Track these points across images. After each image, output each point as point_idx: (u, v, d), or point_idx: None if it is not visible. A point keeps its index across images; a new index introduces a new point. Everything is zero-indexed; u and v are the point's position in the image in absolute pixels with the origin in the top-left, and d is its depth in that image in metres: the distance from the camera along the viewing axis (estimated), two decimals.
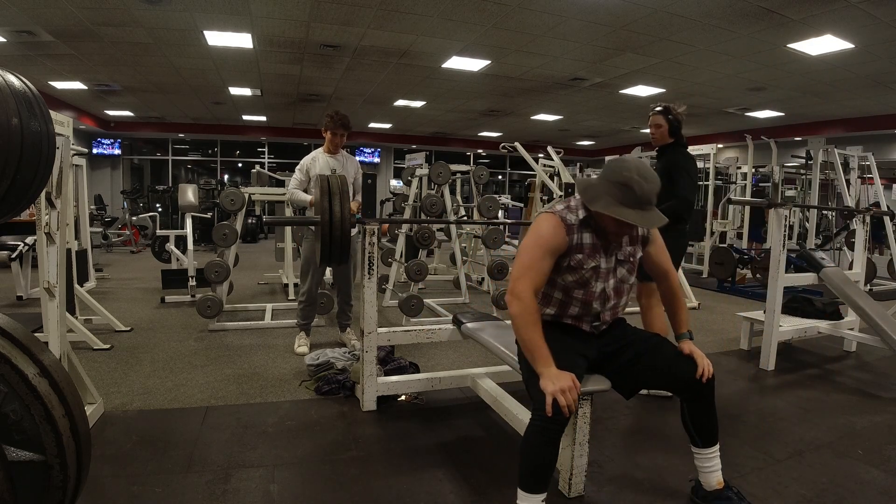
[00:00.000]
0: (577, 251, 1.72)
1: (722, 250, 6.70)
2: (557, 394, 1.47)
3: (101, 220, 9.21)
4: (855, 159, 7.03)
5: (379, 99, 9.81)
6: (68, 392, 1.16)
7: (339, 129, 3.57)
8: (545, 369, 1.55)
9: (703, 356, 1.73)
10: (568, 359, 1.64)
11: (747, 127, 9.99)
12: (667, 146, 2.96)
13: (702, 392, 1.72)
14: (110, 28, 5.87)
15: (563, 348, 1.69)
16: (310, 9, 5.31)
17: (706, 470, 1.78)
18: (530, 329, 1.61)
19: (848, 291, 3.47)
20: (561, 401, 1.46)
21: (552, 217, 1.72)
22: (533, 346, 1.59)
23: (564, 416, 1.49)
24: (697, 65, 6.83)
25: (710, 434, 1.77)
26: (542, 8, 5.15)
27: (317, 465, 2.07)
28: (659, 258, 1.88)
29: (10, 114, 1.06)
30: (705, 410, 1.75)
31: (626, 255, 1.80)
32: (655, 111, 2.95)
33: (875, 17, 4.92)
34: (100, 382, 2.78)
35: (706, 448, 1.78)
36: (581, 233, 1.72)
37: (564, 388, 1.48)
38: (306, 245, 3.61)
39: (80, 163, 5.61)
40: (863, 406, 2.82)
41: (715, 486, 1.77)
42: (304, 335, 3.64)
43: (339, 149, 3.70)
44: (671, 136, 2.92)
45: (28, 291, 5.02)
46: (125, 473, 1.93)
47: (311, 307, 3.64)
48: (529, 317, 1.61)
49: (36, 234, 2.26)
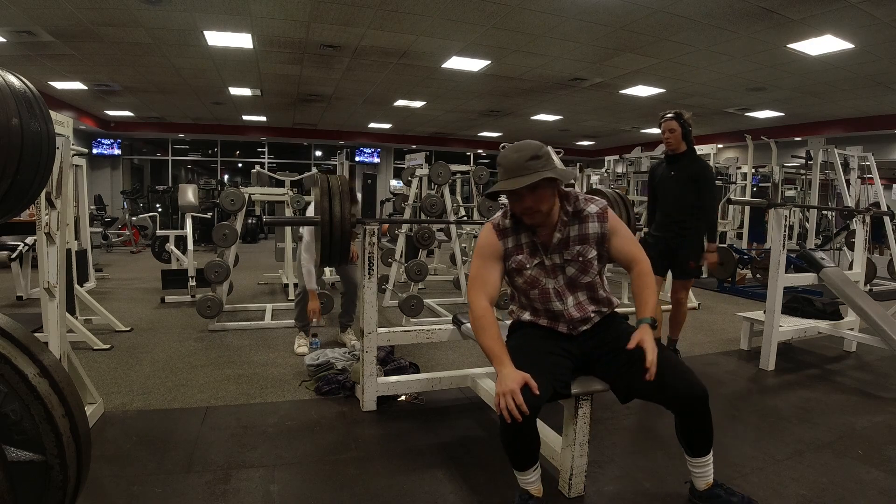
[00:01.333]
0: (515, 252, 1.80)
1: (722, 250, 6.69)
2: (500, 396, 1.50)
3: (101, 221, 9.21)
4: (855, 159, 7.03)
5: (379, 99, 9.81)
6: (68, 392, 1.16)
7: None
8: (500, 369, 1.58)
9: (653, 350, 1.59)
10: (538, 360, 1.66)
11: (747, 127, 9.99)
12: (684, 154, 3.17)
13: (694, 408, 1.66)
14: (110, 28, 5.87)
15: (536, 350, 1.73)
16: (310, 9, 5.31)
17: (696, 475, 1.78)
18: (482, 335, 1.68)
19: (848, 291, 3.47)
20: (501, 403, 1.48)
21: (487, 225, 1.85)
22: (487, 350, 1.66)
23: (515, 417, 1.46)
24: (697, 65, 6.83)
25: (700, 446, 1.74)
26: (542, 8, 5.15)
27: (317, 465, 2.07)
28: (625, 248, 1.80)
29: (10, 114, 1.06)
30: (698, 425, 1.71)
31: (574, 255, 1.76)
32: (667, 117, 3.13)
33: (875, 17, 4.92)
34: (100, 382, 2.78)
35: (697, 458, 1.76)
36: (517, 234, 1.80)
37: (507, 392, 1.48)
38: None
39: (80, 163, 5.61)
40: (863, 406, 2.82)
41: (703, 487, 1.77)
42: (303, 335, 3.63)
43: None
44: (685, 141, 3.13)
45: (28, 291, 5.02)
46: (125, 473, 1.93)
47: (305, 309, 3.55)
48: (478, 322, 1.71)
49: (36, 234, 2.26)
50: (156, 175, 14.80)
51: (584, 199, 1.79)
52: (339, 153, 8.43)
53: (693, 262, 3.18)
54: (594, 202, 1.79)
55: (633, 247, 1.82)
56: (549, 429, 2.07)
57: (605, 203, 1.81)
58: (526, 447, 1.66)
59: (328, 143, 14.99)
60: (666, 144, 3.16)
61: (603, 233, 1.78)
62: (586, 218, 1.77)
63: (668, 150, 3.19)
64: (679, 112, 3.10)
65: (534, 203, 1.67)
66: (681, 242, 3.22)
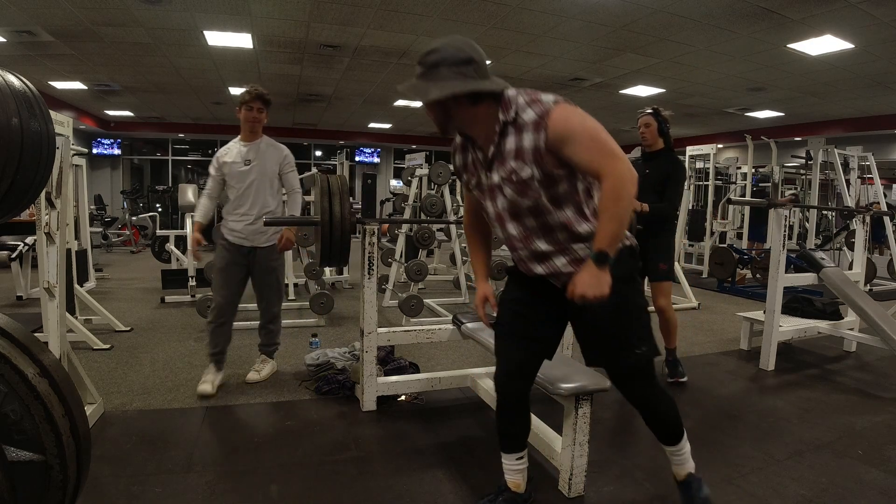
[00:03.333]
0: (464, 171, 1.59)
1: (722, 250, 6.70)
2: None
3: (101, 220, 9.21)
4: (855, 159, 7.03)
5: (379, 99, 9.81)
6: (68, 392, 1.16)
7: (256, 100, 2.73)
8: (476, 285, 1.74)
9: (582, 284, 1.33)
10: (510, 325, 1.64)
11: (747, 127, 9.99)
12: (660, 153, 3.11)
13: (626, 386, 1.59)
14: (110, 28, 5.87)
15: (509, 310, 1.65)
16: (310, 9, 5.31)
17: (672, 462, 1.75)
18: (469, 248, 1.79)
19: (848, 291, 3.47)
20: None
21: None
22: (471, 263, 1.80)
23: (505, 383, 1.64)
24: (697, 65, 6.83)
25: (662, 435, 1.69)
26: (542, 8, 5.15)
27: (317, 465, 2.07)
28: (584, 159, 1.34)
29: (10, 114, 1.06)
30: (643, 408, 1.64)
31: (508, 173, 1.41)
32: (645, 112, 3.12)
33: (875, 17, 4.92)
34: (100, 382, 2.78)
35: (666, 446, 1.71)
36: (466, 150, 1.56)
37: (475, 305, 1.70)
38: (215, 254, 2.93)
39: (80, 163, 5.61)
40: (863, 406, 2.82)
41: (679, 477, 1.74)
42: (212, 368, 2.79)
43: (259, 133, 2.84)
44: (661, 136, 3.09)
45: (28, 291, 5.02)
46: (125, 473, 1.93)
47: (221, 329, 2.80)
48: (467, 237, 1.78)
49: (36, 234, 2.26)
50: (156, 175, 14.80)
51: (525, 104, 1.38)
52: (339, 153, 8.42)
53: (663, 264, 3.07)
54: (536, 105, 1.37)
55: (595, 157, 1.33)
56: (550, 429, 2.07)
57: (552, 105, 1.36)
58: (510, 424, 1.70)
59: (328, 143, 14.99)
60: (641, 139, 3.14)
61: (538, 146, 1.36)
62: (522, 127, 1.38)
63: (644, 147, 3.15)
64: (657, 108, 3.08)
65: (434, 116, 1.45)
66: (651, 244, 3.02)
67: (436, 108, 1.43)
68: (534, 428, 2.13)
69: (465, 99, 1.39)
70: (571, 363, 2.11)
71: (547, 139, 1.35)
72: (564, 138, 1.34)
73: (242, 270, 2.86)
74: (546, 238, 1.47)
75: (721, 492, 1.91)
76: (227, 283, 2.82)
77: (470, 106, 1.40)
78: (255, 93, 2.76)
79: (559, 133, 1.34)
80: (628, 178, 1.31)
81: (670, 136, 3.11)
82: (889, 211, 5.83)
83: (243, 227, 2.80)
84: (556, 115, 1.35)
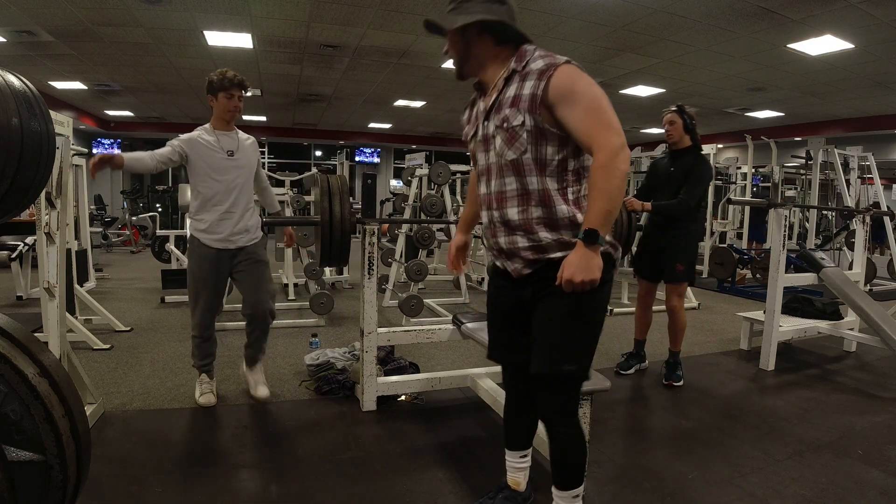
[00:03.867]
0: (468, 123, 1.52)
1: (722, 250, 6.70)
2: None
3: (101, 220, 9.21)
4: (855, 159, 7.03)
5: (379, 99, 9.81)
6: (68, 392, 1.16)
7: (237, 87, 2.50)
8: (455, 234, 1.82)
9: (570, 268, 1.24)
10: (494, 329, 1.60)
11: (747, 127, 9.99)
12: (687, 151, 3.04)
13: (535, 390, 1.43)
14: (110, 28, 5.87)
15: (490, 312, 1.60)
16: (310, 9, 5.31)
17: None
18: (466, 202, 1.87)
19: (848, 291, 3.47)
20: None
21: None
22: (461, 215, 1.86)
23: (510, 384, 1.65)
24: (697, 65, 6.83)
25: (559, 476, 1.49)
26: (542, 8, 5.15)
27: (317, 465, 2.07)
28: (578, 125, 1.27)
29: (10, 114, 1.06)
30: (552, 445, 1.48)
31: (502, 121, 1.34)
32: (670, 110, 3.05)
33: (875, 17, 4.92)
34: (100, 382, 2.78)
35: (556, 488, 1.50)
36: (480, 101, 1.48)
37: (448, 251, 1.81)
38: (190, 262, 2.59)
39: (80, 163, 5.60)
40: (863, 406, 2.82)
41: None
42: (205, 377, 2.68)
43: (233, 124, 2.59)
44: (687, 134, 3.01)
45: (28, 291, 5.02)
46: (125, 473, 1.93)
47: (209, 341, 2.66)
48: (468, 193, 1.80)
49: (36, 234, 2.26)
50: (156, 175, 14.76)
51: (538, 57, 1.34)
52: (339, 153, 8.42)
53: (680, 265, 2.99)
54: (547, 58, 1.32)
55: (592, 124, 1.26)
56: None
57: (562, 62, 1.30)
58: (517, 421, 1.68)
59: (328, 143, 15.00)
60: (667, 137, 3.09)
61: (537, 94, 1.29)
62: (527, 75, 1.32)
63: (670, 143, 3.10)
64: (681, 105, 3.03)
65: (455, 52, 1.42)
66: (669, 242, 3.04)
67: (459, 43, 1.39)
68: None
69: (490, 36, 1.36)
70: None
71: (547, 90, 1.28)
72: (565, 96, 1.27)
73: (225, 275, 2.57)
74: (520, 206, 1.37)
75: (721, 492, 1.91)
76: (212, 293, 2.55)
77: (492, 44, 1.38)
78: (237, 79, 2.49)
79: (561, 88, 1.27)
80: (621, 155, 1.23)
81: (697, 133, 3.03)
82: (889, 211, 5.83)
83: (230, 228, 2.49)
84: (564, 70, 1.28)
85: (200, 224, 2.48)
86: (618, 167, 1.23)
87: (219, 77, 2.47)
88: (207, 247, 2.47)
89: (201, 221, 2.48)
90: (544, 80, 1.29)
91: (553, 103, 1.28)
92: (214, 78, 2.48)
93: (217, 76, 2.47)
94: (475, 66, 1.42)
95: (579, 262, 1.23)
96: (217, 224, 2.47)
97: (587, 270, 1.23)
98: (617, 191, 1.24)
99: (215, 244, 2.48)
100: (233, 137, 2.55)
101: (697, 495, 1.90)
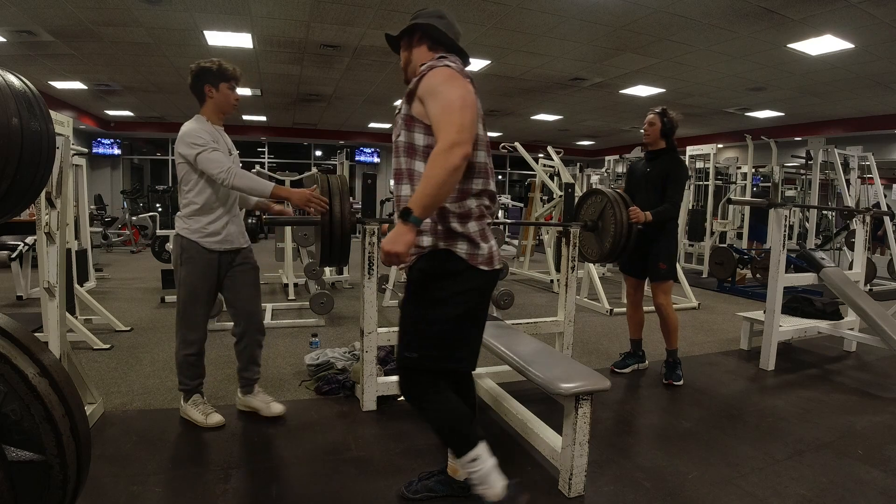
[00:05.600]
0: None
1: (722, 250, 6.70)
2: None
3: (101, 220, 9.22)
4: (855, 159, 7.03)
5: (379, 99, 9.80)
6: (68, 392, 1.16)
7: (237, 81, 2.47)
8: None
9: (385, 239, 1.37)
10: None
11: (747, 127, 9.99)
12: (660, 151, 3.14)
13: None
14: (110, 28, 5.86)
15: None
16: (310, 9, 5.31)
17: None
18: None
19: (848, 291, 3.47)
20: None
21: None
22: None
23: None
24: (697, 65, 6.83)
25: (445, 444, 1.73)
26: (542, 8, 5.15)
27: (317, 465, 2.07)
28: (432, 118, 1.42)
29: (10, 114, 1.06)
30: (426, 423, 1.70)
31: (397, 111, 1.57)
32: (653, 111, 3.14)
33: (875, 17, 4.92)
34: (100, 382, 2.78)
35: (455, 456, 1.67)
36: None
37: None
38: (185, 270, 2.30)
39: (80, 163, 5.61)
40: (863, 406, 2.82)
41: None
42: (198, 398, 2.41)
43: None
44: (663, 138, 3.11)
45: (28, 291, 5.02)
46: (125, 473, 1.93)
47: (201, 357, 2.41)
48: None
49: (36, 234, 2.26)
50: (156, 175, 14.79)
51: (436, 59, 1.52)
52: (339, 153, 8.42)
53: (663, 264, 3.09)
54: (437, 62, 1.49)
55: (441, 121, 1.39)
56: (549, 429, 2.07)
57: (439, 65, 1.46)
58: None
59: (328, 143, 14.99)
60: (644, 136, 3.18)
61: (412, 90, 1.48)
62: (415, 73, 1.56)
63: (645, 142, 3.20)
64: (665, 109, 3.11)
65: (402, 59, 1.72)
66: (651, 243, 3.12)
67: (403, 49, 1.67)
68: (534, 427, 2.13)
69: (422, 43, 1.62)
70: (571, 363, 2.11)
71: (418, 85, 1.46)
72: (430, 92, 1.42)
73: (217, 284, 2.38)
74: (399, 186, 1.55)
75: (721, 492, 1.91)
76: (211, 302, 2.37)
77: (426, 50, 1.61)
78: (238, 72, 2.38)
79: (428, 86, 1.44)
80: (454, 151, 1.34)
81: (673, 138, 3.14)
82: (889, 211, 5.83)
83: (235, 228, 2.39)
84: (437, 71, 1.45)
85: (200, 225, 2.27)
86: (447, 160, 1.34)
87: (217, 66, 2.35)
88: (209, 250, 2.28)
89: (202, 223, 2.27)
90: (420, 76, 1.48)
91: (421, 97, 1.45)
92: (213, 66, 2.35)
93: (214, 65, 2.35)
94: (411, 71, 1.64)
95: (391, 235, 1.37)
96: (222, 224, 2.31)
97: (394, 243, 1.35)
98: (440, 179, 1.34)
99: (217, 246, 2.30)
100: (220, 132, 2.43)
101: (697, 495, 1.90)
